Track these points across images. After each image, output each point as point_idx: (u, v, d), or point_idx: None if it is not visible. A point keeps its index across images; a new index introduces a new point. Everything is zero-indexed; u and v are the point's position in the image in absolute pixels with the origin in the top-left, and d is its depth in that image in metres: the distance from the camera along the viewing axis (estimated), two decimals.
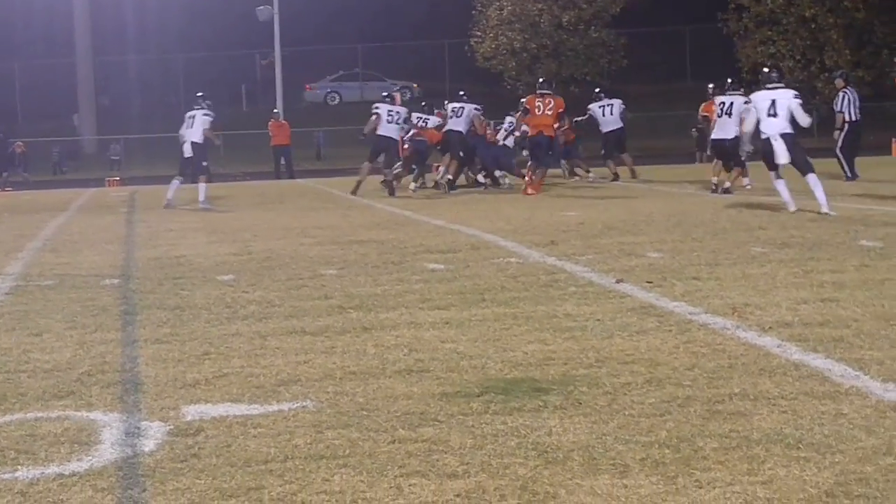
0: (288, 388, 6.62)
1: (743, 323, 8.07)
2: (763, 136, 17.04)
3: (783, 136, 16.88)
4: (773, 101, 17.06)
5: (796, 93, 17.52)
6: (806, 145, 20.04)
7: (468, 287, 10.26)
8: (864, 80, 49.96)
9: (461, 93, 27.14)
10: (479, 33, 55.83)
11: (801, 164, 16.83)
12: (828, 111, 41.87)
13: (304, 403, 6.25)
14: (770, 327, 7.87)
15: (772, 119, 16.98)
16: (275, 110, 43.58)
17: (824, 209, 15.98)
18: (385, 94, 27.46)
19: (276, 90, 50.32)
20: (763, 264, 11.01)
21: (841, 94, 26.28)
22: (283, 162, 40.20)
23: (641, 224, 15.57)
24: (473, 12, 56.06)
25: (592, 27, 55.09)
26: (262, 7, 50.41)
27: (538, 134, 24.01)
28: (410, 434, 5.59)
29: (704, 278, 10.25)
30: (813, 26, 50.60)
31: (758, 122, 17.16)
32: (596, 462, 5.08)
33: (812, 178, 16.56)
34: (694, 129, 33.90)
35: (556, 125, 24.54)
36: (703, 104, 28.61)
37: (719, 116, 22.19)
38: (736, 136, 20.57)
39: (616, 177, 28.27)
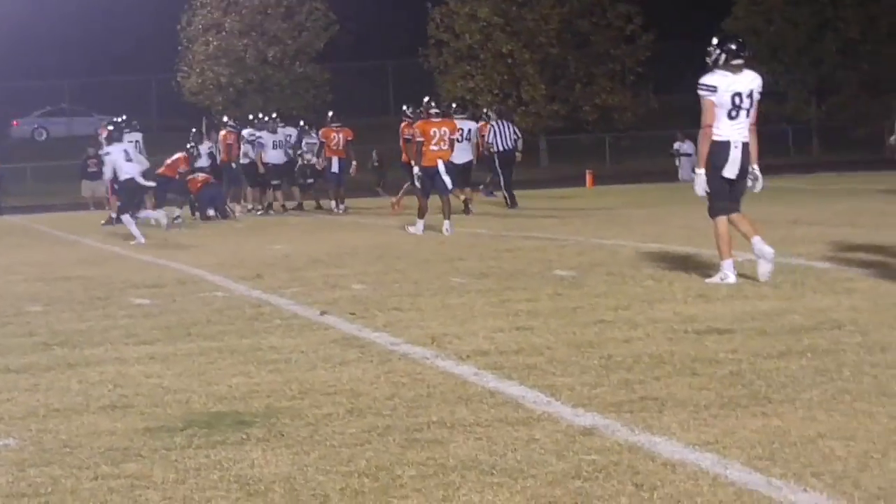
0: None
1: (442, 352, 8.30)
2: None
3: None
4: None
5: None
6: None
7: (174, 322, 10.26)
8: (559, 113, 51.70)
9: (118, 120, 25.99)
10: (185, 68, 55.37)
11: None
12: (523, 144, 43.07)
13: (7, 442, 6.20)
14: (468, 356, 8.11)
15: None
16: None
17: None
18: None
19: None
20: (462, 294, 11.31)
21: (489, 127, 27.17)
22: None
23: (346, 256, 15.75)
24: (180, 48, 55.57)
25: (298, 62, 55.32)
26: None
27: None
28: (113, 470, 5.61)
29: (406, 309, 10.48)
30: (510, 61, 51.78)
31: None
32: (297, 493, 5.19)
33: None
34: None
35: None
36: (403, 124, 28.77)
37: (459, 142, 22.62)
38: (471, 161, 23.84)
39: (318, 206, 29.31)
